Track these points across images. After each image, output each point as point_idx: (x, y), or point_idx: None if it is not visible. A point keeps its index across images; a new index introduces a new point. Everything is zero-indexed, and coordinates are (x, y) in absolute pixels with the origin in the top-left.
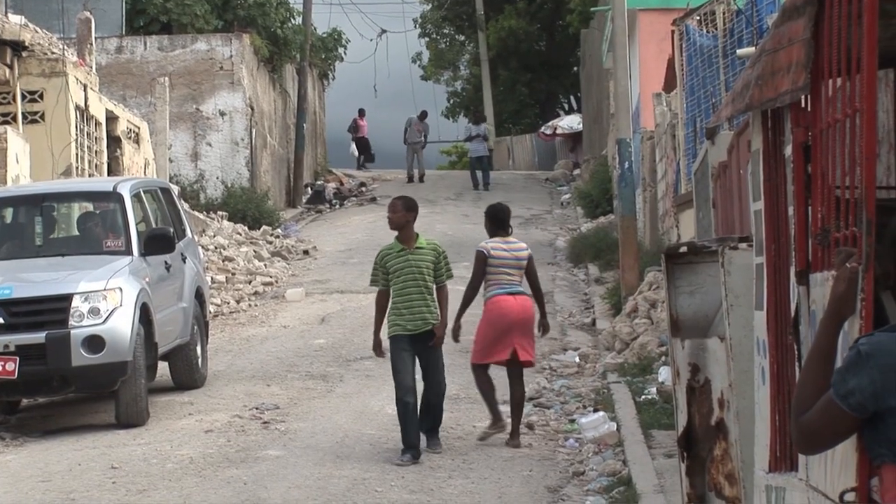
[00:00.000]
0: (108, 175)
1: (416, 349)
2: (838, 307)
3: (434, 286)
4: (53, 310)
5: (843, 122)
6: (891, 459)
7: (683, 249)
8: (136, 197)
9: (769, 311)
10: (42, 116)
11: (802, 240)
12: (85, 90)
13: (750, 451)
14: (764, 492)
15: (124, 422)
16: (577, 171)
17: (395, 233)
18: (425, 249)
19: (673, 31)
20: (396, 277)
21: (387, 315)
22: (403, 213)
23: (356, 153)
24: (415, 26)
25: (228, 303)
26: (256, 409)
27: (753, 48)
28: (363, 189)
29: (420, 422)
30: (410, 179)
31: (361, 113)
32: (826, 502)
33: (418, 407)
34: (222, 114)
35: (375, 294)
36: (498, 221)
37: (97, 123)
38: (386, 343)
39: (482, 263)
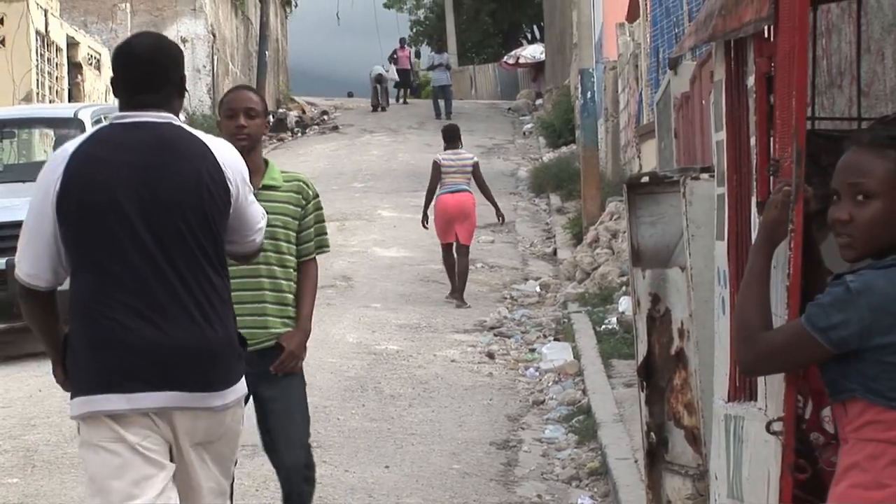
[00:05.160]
0: (69, 101)
1: (249, 384)
2: (770, 232)
3: (293, 260)
4: (14, 236)
5: (790, 54)
6: (861, 394)
7: (645, 179)
8: (98, 123)
9: (730, 241)
10: (2, 42)
11: (764, 170)
12: (46, 15)
13: (709, 380)
14: (723, 421)
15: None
16: (539, 101)
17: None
18: (283, 190)
19: None
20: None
21: None
22: (261, 121)
23: (374, 90)
24: None
25: None
26: None
27: None
28: (325, 118)
29: None
30: (374, 108)
31: (402, 42)
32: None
33: None
34: (184, 41)
35: None
36: (448, 138)
37: (58, 49)
38: None
39: (436, 170)
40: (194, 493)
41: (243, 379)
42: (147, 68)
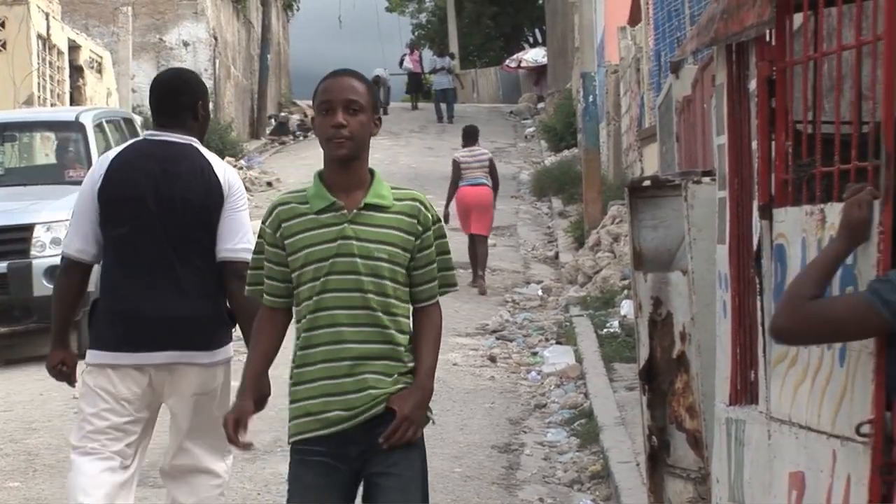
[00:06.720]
0: (71, 105)
1: (352, 468)
2: (853, 231)
3: (402, 305)
4: (15, 239)
5: (825, 57)
6: None
7: (647, 183)
8: (99, 127)
9: (731, 244)
10: (3, 45)
11: (765, 174)
12: (47, 19)
13: (711, 384)
14: (724, 424)
15: (86, 351)
16: (541, 105)
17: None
18: (392, 212)
19: None
20: (309, 282)
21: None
22: (368, 118)
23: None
24: None
25: None
26: None
27: None
28: None
29: None
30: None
31: (411, 47)
32: (811, 436)
33: None
34: (186, 44)
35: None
36: (466, 136)
37: (59, 53)
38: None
39: (455, 168)
40: (189, 434)
41: (231, 344)
42: (160, 94)
